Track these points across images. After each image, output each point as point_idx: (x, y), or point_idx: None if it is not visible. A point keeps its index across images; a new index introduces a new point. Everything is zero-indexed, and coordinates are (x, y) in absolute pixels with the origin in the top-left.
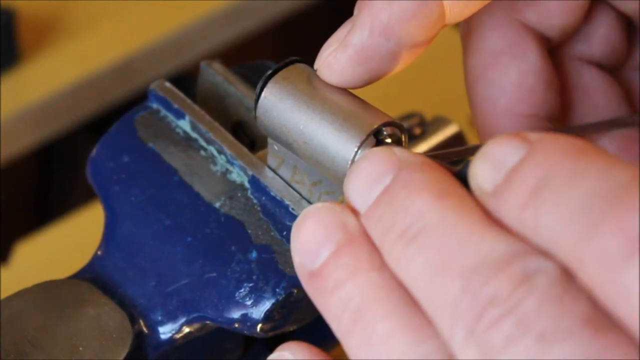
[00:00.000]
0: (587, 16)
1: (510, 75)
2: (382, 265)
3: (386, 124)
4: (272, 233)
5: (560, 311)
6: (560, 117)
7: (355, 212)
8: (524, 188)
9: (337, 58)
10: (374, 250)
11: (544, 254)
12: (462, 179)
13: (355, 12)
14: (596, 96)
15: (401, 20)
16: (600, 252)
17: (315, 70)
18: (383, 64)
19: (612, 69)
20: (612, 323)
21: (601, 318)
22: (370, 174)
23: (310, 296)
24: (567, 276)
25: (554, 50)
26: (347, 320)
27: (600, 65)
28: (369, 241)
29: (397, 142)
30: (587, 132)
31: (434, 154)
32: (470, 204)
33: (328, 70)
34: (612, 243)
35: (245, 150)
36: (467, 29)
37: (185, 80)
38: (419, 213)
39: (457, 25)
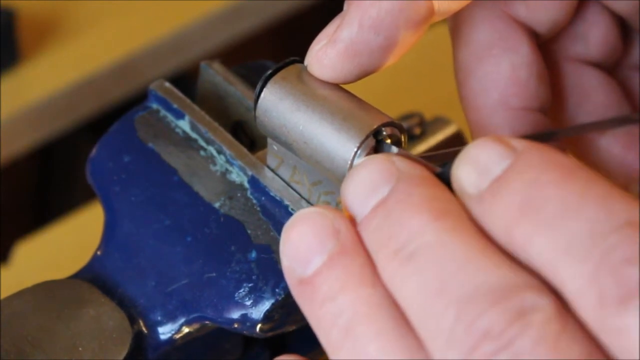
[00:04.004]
0: (583, 16)
1: (503, 68)
2: (375, 279)
3: (386, 124)
4: (272, 233)
5: (555, 352)
6: (550, 110)
7: (350, 217)
8: (511, 204)
9: (327, 53)
10: (367, 262)
11: (539, 278)
12: (444, 179)
13: (345, 8)
14: (597, 96)
15: (390, 14)
16: (599, 291)
17: (306, 66)
18: (373, 59)
19: (609, 68)
20: None
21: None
22: (368, 183)
23: (298, 302)
24: (564, 312)
25: (551, 51)
26: (337, 335)
27: (598, 66)
28: (361, 253)
29: (396, 142)
30: (587, 131)
31: (433, 155)
32: (467, 226)
33: (318, 66)
34: (613, 284)
35: (244, 150)
36: (456, 22)
37: (185, 80)
38: (415, 232)
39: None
